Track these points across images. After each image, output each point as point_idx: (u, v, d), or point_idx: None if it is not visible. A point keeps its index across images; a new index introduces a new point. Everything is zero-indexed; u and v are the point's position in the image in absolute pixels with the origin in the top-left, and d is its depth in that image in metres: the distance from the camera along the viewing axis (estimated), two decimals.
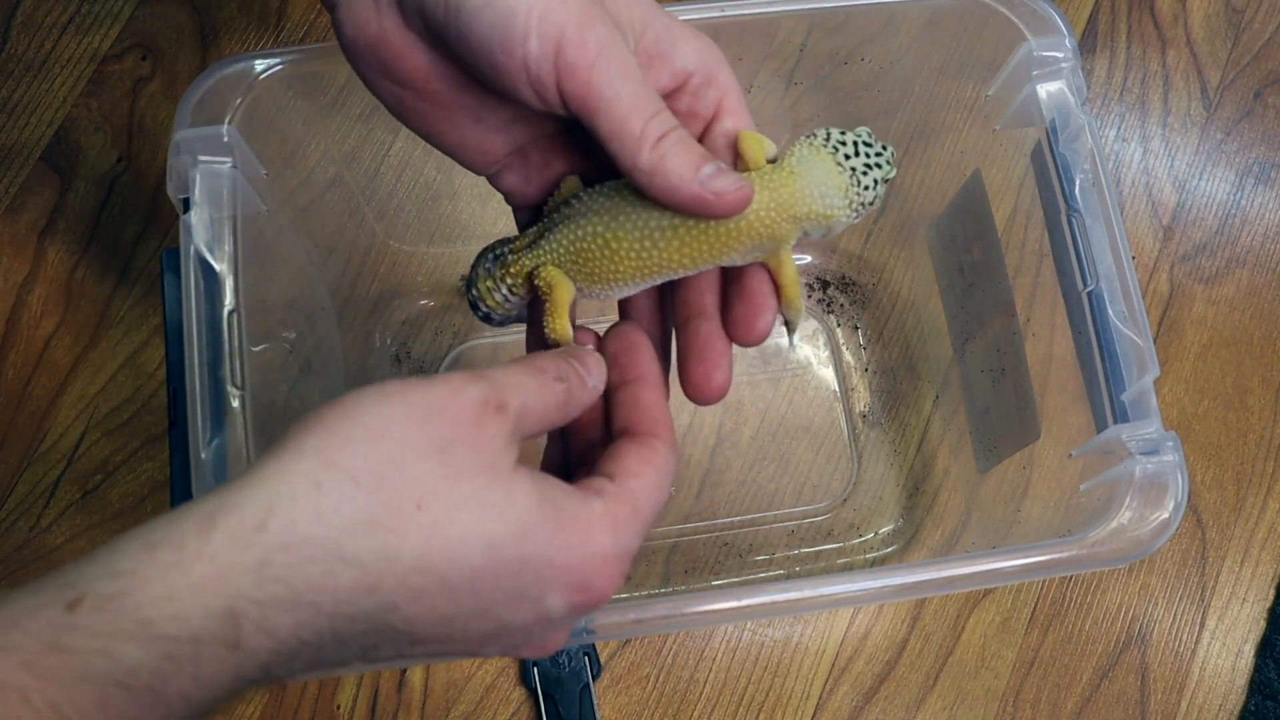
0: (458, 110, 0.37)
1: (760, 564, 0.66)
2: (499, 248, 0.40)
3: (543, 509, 0.30)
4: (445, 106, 0.37)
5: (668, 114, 0.35)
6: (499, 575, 0.29)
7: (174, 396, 0.45)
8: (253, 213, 0.50)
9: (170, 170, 0.47)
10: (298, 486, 0.27)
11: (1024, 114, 0.51)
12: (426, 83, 0.36)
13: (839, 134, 0.38)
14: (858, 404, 0.69)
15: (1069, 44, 0.50)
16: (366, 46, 0.35)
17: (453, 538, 0.28)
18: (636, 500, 0.33)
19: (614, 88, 0.33)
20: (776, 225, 0.36)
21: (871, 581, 0.44)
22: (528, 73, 0.33)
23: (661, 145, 0.34)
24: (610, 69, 0.33)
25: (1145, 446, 0.45)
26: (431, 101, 0.37)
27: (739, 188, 0.34)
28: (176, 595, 0.26)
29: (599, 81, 0.33)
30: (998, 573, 0.44)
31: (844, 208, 0.37)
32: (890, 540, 0.66)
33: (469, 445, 0.30)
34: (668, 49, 0.37)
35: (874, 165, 0.38)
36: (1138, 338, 0.46)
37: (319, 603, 0.27)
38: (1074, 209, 0.48)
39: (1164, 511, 0.45)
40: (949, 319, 0.66)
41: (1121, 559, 0.44)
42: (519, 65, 0.33)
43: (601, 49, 0.33)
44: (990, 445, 0.61)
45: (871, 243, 0.71)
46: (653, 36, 0.36)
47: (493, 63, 0.33)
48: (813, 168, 0.37)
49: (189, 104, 0.48)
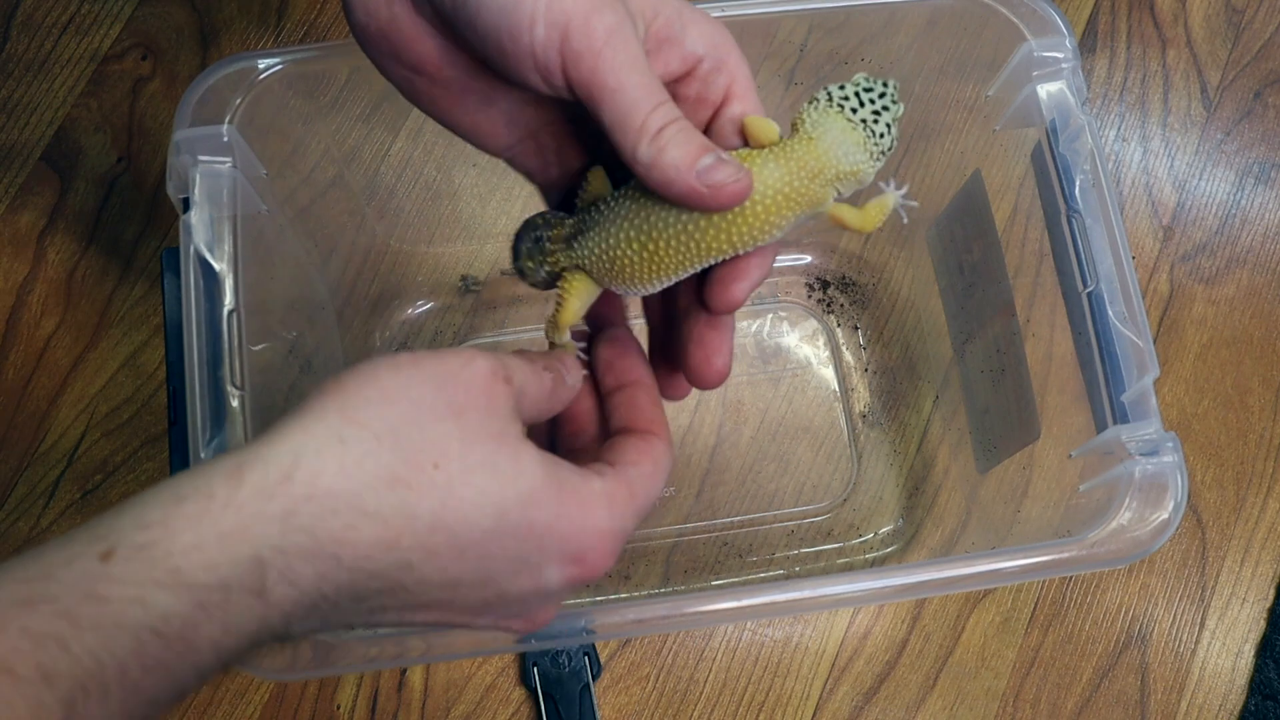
0: (469, 95, 0.38)
1: (760, 564, 0.66)
2: (541, 230, 0.40)
3: (548, 479, 0.31)
4: (456, 91, 0.37)
5: (670, 106, 0.34)
6: (504, 539, 0.30)
7: (174, 396, 0.45)
8: (253, 212, 0.50)
9: (170, 170, 0.47)
10: (322, 441, 0.28)
11: (1024, 114, 0.51)
12: (438, 68, 0.36)
13: (839, 90, 0.38)
14: (858, 404, 0.69)
15: (1069, 44, 0.50)
16: (377, 32, 0.36)
17: (466, 499, 0.29)
18: (634, 485, 0.34)
19: (618, 77, 0.33)
20: (811, 192, 0.36)
21: (871, 582, 0.44)
22: (535, 59, 0.33)
23: (661, 137, 0.34)
24: (616, 58, 0.33)
25: (1145, 447, 0.45)
26: (443, 86, 0.37)
27: (736, 179, 0.34)
28: (205, 544, 0.26)
29: (603, 70, 0.33)
30: (998, 573, 0.44)
31: (866, 160, 0.37)
32: (890, 540, 0.66)
33: (482, 411, 0.30)
34: (678, 33, 0.37)
35: (882, 110, 0.38)
36: (1137, 338, 0.46)
37: (340, 556, 0.28)
38: (1074, 209, 0.48)
39: (1164, 512, 0.45)
40: (949, 319, 0.66)
41: (1121, 559, 0.44)
42: (526, 51, 0.33)
43: (609, 37, 0.33)
44: (990, 445, 0.61)
45: (871, 243, 0.71)
46: (663, 21, 0.36)
47: (500, 49, 0.33)
48: (827, 130, 0.37)
49: (189, 104, 0.48)
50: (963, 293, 0.63)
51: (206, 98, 0.48)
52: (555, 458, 0.32)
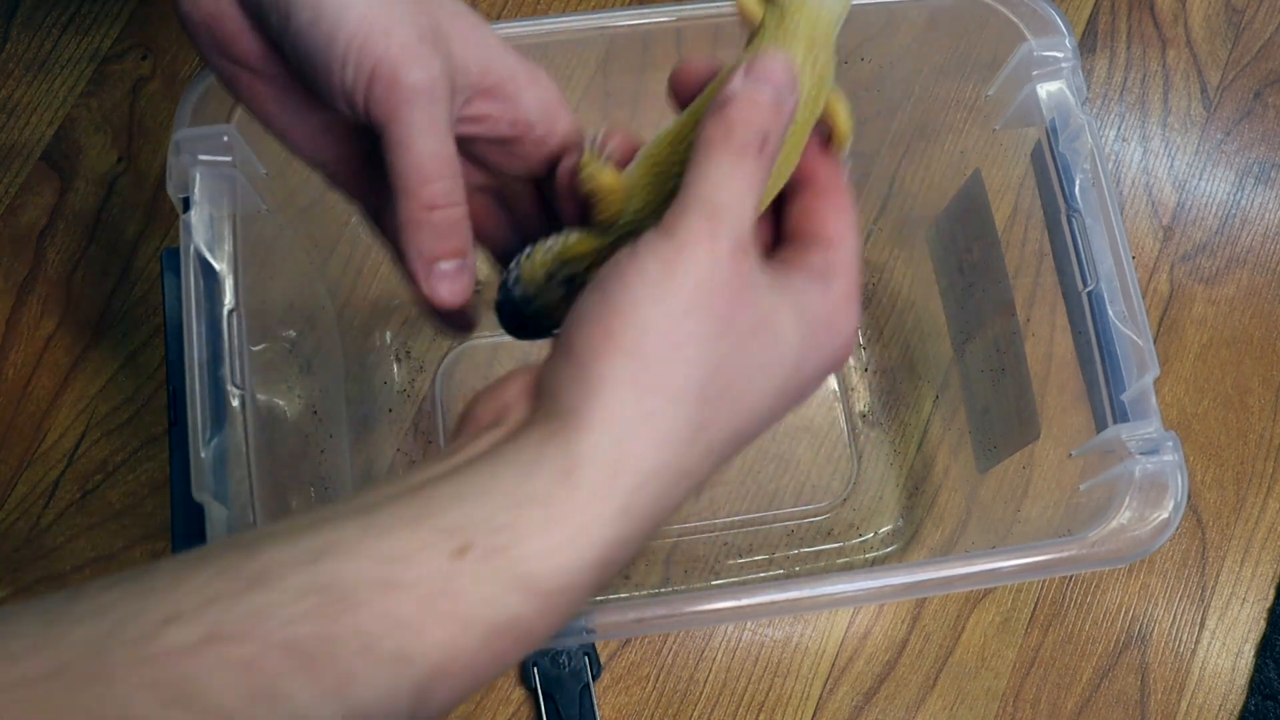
0: (289, 97, 0.37)
1: (760, 564, 0.66)
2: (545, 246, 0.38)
3: (802, 333, 0.31)
4: (277, 91, 0.37)
5: (453, 185, 0.35)
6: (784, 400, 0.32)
7: (174, 396, 0.45)
8: (253, 212, 0.50)
9: (170, 169, 0.47)
10: (633, 421, 0.28)
11: (1024, 114, 0.51)
12: (260, 66, 0.36)
13: None
14: (858, 404, 0.69)
15: (1069, 44, 0.50)
16: (201, 21, 0.35)
17: (752, 404, 0.31)
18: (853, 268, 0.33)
19: (411, 136, 0.34)
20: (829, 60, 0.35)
21: (871, 581, 0.44)
22: (345, 96, 0.34)
23: (429, 215, 0.35)
24: (414, 118, 0.34)
25: (1145, 446, 0.45)
26: (265, 83, 0.37)
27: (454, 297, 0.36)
28: (556, 550, 0.27)
29: (399, 128, 0.34)
30: (998, 572, 0.44)
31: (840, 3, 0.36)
32: (890, 540, 0.66)
33: (745, 306, 0.30)
34: (511, 95, 0.37)
35: None
36: (1138, 337, 0.46)
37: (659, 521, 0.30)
38: (1074, 209, 0.48)
39: (1164, 511, 0.45)
40: (949, 319, 0.66)
41: (1121, 559, 0.44)
42: (337, 87, 0.34)
43: (414, 95, 0.33)
44: (990, 445, 0.61)
45: (871, 242, 0.71)
46: (494, 80, 0.36)
47: (314, 76, 0.34)
48: None
49: (189, 103, 0.48)
50: (963, 293, 0.63)
51: (207, 97, 0.48)
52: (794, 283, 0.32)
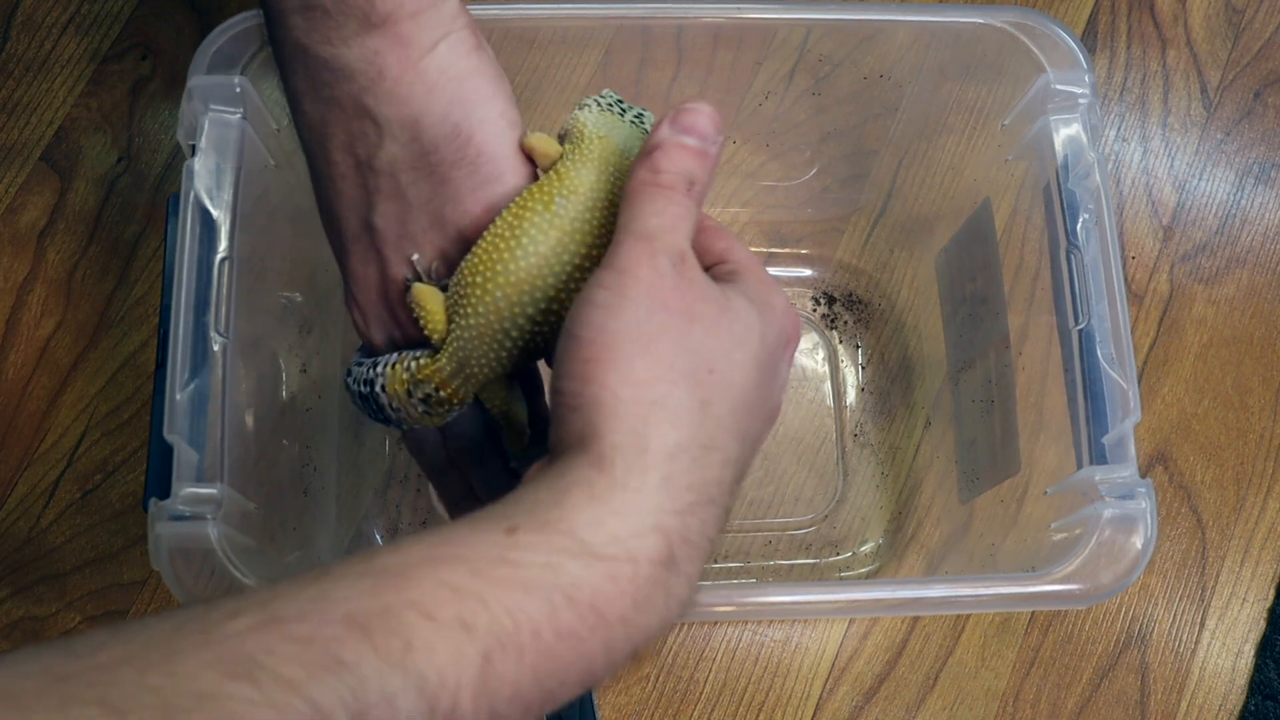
0: None
1: (734, 571, 0.65)
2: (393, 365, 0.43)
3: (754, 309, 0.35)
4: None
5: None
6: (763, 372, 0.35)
7: (164, 339, 0.45)
8: (260, 166, 0.49)
9: (181, 116, 0.47)
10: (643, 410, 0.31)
11: (1036, 146, 0.51)
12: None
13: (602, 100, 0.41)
14: (850, 422, 0.68)
15: (1088, 79, 0.49)
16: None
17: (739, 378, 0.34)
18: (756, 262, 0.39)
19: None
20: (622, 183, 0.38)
21: (864, 594, 0.44)
22: None
23: None
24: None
25: (1118, 490, 0.44)
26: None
27: None
28: (605, 520, 0.28)
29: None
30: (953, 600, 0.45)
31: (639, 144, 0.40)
32: (869, 560, 0.66)
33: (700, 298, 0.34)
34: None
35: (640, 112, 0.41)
36: (1123, 381, 0.45)
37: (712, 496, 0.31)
38: (1074, 245, 0.47)
39: (1126, 558, 0.44)
40: (948, 346, 0.65)
41: (1079, 601, 0.44)
42: None
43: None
44: (974, 476, 0.60)
45: (882, 265, 0.70)
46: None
47: None
48: (613, 128, 0.40)
49: (207, 52, 0.48)
50: (964, 321, 0.63)
51: (225, 48, 0.48)
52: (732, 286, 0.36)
